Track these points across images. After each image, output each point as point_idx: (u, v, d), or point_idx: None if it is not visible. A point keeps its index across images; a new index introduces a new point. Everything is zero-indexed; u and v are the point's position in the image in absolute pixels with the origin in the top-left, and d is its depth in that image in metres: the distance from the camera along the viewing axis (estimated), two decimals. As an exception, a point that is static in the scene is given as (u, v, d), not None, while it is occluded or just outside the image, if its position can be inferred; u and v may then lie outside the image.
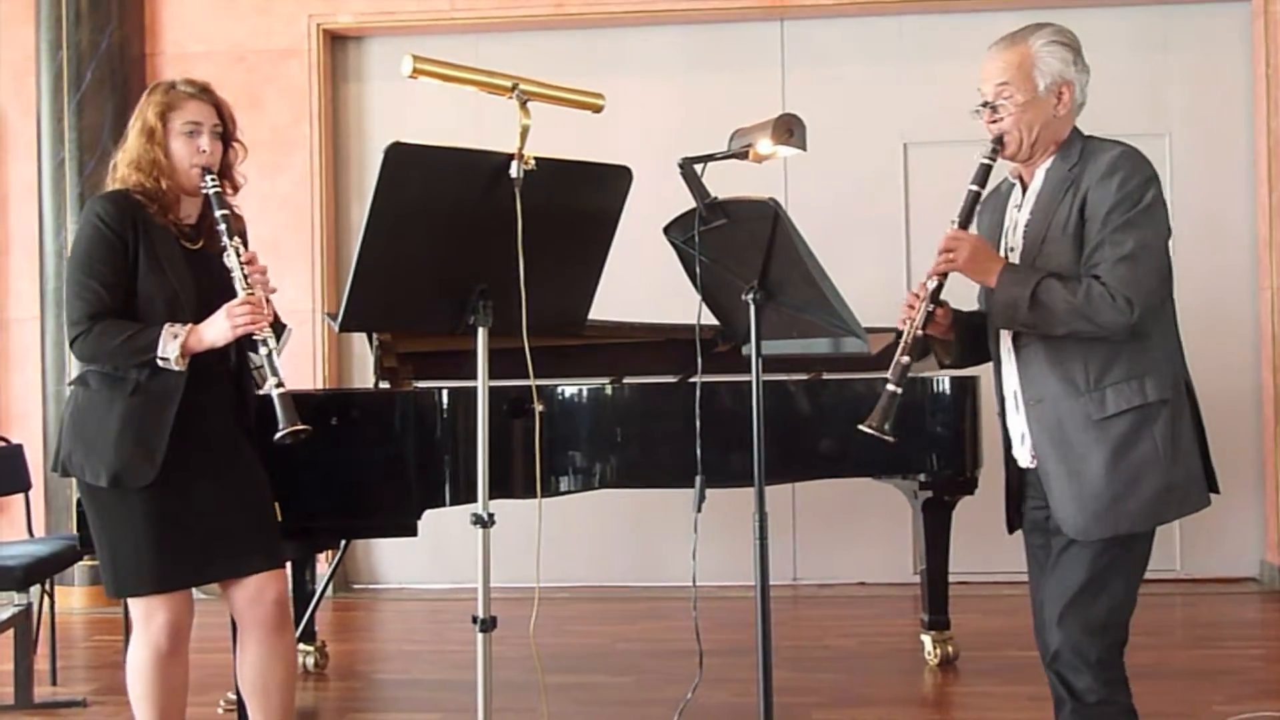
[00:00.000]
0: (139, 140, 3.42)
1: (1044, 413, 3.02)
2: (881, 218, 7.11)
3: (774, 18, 7.18)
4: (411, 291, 3.13)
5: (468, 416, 4.11)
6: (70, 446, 3.40)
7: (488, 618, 3.09)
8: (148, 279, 3.35)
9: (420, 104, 6.92)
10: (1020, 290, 2.92)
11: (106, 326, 3.30)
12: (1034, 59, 3.04)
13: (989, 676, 5.07)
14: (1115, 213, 2.89)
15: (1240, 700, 4.57)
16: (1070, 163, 3.02)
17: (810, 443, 4.88)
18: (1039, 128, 3.04)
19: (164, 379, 3.30)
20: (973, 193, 3.07)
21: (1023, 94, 3.03)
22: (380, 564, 7.38)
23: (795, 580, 7.12)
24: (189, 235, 3.45)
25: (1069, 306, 2.88)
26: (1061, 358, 2.97)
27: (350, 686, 5.29)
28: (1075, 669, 2.98)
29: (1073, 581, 2.99)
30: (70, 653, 5.76)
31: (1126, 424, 2.92)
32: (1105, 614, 2.98)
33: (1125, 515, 2.93)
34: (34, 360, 7.04)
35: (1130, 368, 2.93)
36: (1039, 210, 3.06)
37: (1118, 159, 2.95)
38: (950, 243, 3.02)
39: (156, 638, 3.41)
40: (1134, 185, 2.91)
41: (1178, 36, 6.89)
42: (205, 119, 3.42)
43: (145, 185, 3.39)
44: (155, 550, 3.33)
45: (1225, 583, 6.80)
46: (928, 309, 3.04)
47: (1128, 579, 3.00)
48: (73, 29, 6.84)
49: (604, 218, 3.26)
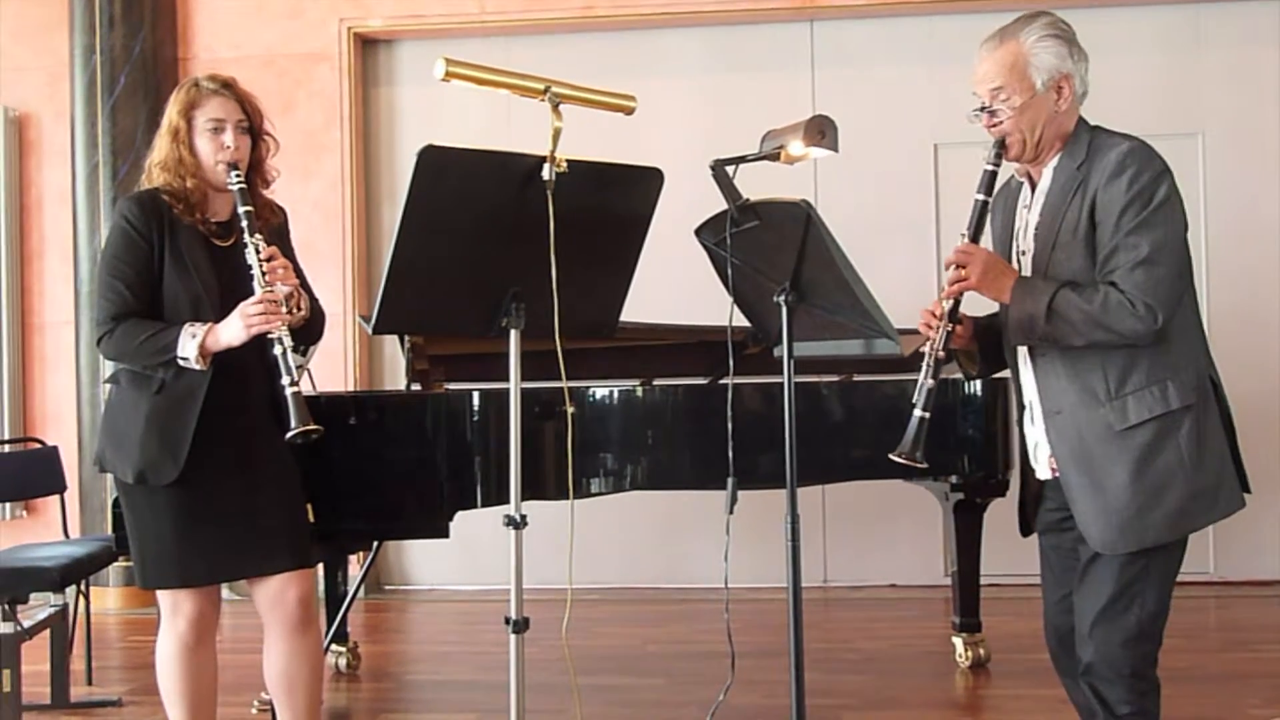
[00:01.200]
0: (165, 140, 3.44)
1: (1063, 424, 2.94)
2: (912, 218, 7.09)
3: (804, 19, 7.17)
4: (444, 294, 3.14)
5: (499, 418, 4.12)
6: (103, 443, 3.47)
7: (520, 619, 3.10)
8: (173, 279, 3.37)
9: (450, 107, 6.94)
10: (1035, 306, 2.85)
11: (129, 327, 3.33)
12: (1027, 57, 2.93)
13: (1021, 679, 5.04)
14: (1127, 214, 2.80)
15: (1276, 703, 4.53)
16: (1077, 160, 2.93)
17: (841, 445, 4.87)
18: (1041, 126, 2.94)
19: (189, 378, 3.33)
20: (979, 202, 2.98)
21: (1020, 95, 2.93)
22: (412, 565, 7.40)
23: (826, 582, 7.10)
24: (219, 233, 3.46)
25: (1086, 317, 2.80)
26: (1080, 367, 2.90)
27: (382, 687, 5.30)
28: (1108, 681, 2.92)
29: (1103, 594, 2.92)
30: (106, 653, 5.80)
31: (1149, 433, 2.85)
32: (1138, 625, 2.90)
33: (1151, 527, 2.85)
34: (69, 363, 7.10)
35: (1151, 373, 2.85)
36: (1048, 212, 2.97)
37: (1125, 156, 2.85)
38: (961, 258, 2.95)
39: (182, 630, 3.48)
40: (1144, 182, 2.81)
41: (1209, 34, 6.84)
42: (229, 115, 3.42)
43: (172, 185, 3.41)
44: (179, 546, 3.38)
45: (1259, 585, 6.73)
46: (947, 329, 2.97)
47: (1159, 588, 2.92)
48: (106, 34, 6.89)
49: (636, 220, 3.26)
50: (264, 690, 4.06)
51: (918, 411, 2.97)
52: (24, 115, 7.35)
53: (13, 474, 5.54)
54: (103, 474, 3.53)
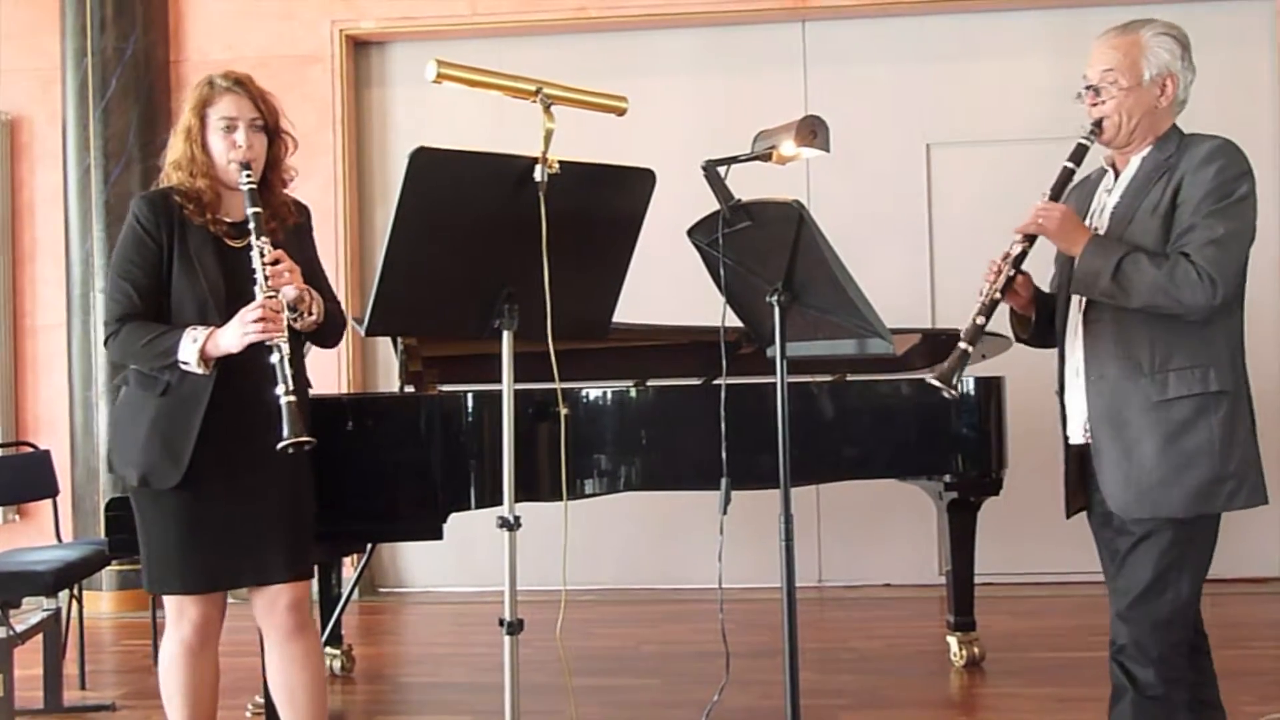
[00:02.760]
0: (179, 139, 3.40)
1: (1103, 389, 3.07)
2: (904, 218, 7.10)
3: (796, 19, 7.18)
4: (437, 295, 3.13)
5: (493, 420, 4.11)
6: (111, 444, 3.48)
7: (514, 620, 3.10)
8: (180, 280, 3.34)
9: (442, 108, 6.95)
10: (1105, 261, 2.97)
11: (133, 329, 3.31)
12: (1143, 48, 3.09)
13: (1015, 678, 5.05)
14: (1209, 199, 2.94)
15: (1271, 700, 4.54)
16: (1167, 153, 3.08)
17: (835, 444, 4.87)
18: (1139, 116, 3.09)
19: (193, 381, 3.30)
20: (1067, 169, 3.14)
21: (1127, 80, 3.08)
22: (406, 568, 7.40)
23: (820, 582, 7.11)
24: (232, 234, 3.41)
25: (1153, 280, 2.92)
26: (1129, 338, 3.02)
27: (377, 689, 5.30)
28: (1139, 663, 3.05)
29: (1140, 579, 3.04)
30: (99, 657, 5.79)
31: (1186, 410, 2.97)
32: (1170, 611, 3.04)
33: (1169, 499, 2.98)
34: (61, 366, 7.09)
35: (1195, 355, 2.98)
36: (1130, 194, 3.11)
37: (1217, 149, 3.00)
38: (1041, 212, 3.09)
39: (185, 634, 3.44)
40: (1230, 175, 2.96)
41: (1201, 35, 6.75)
42: (242, 113, 3.38)
43: (185, 184, 3.37)
44: (182, 552, 3.36)
45: (1252, 582, 6.76)
46: (1009, 273, 3.13)
47: (1192, 578, 3.06)
48: (97, 37, 6.89)
49: (628, 220, 3.26)
50: (259, 693, 4.07)
51: (962, 344, 3.11)
52: (16, 118, 7.34)
53: (5, 478, 5.52)
54: (113, 474, 3.50)
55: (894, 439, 4.94)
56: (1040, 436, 3.40)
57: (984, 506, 5.12)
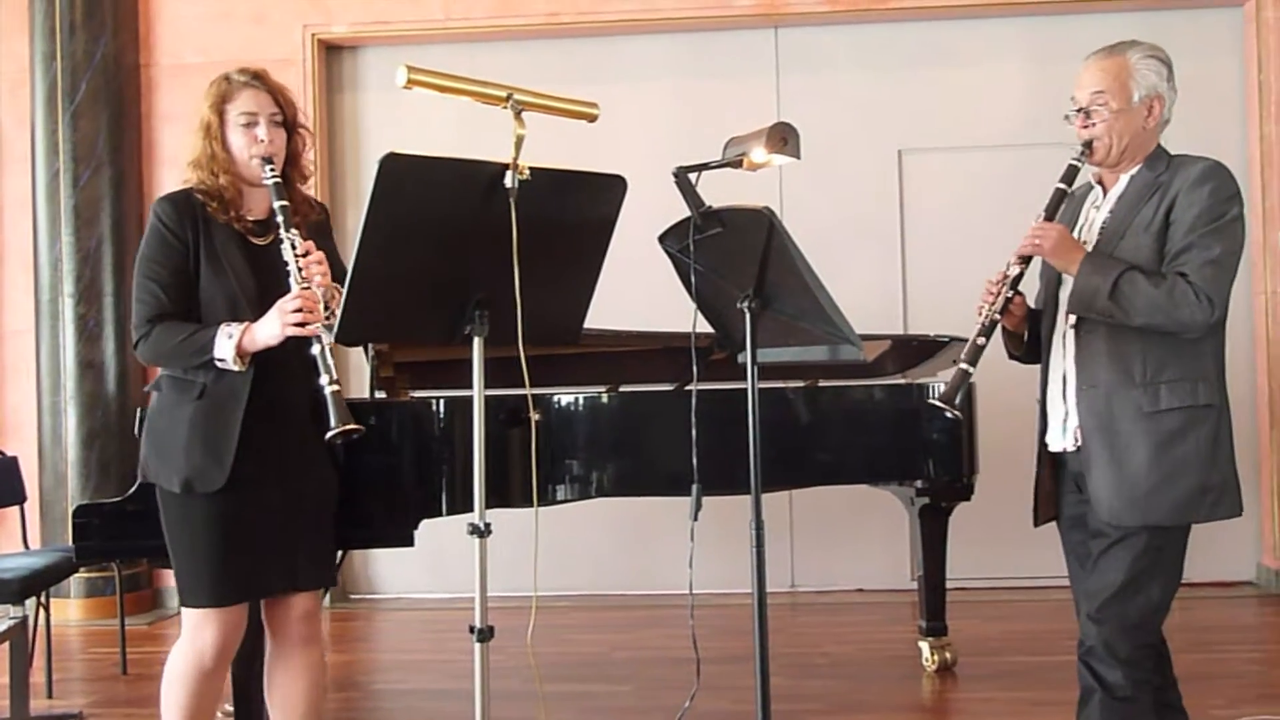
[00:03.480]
0: (198, 137, 3.35)
1: (1096, 398, 3.13)
2: (876, 225, 7.12)
3: (768, 25, 7.18)
4: (407, 302, 3.12)
5: (464, 426, 4.07)
6: (146, 452, 3.38)
7: (485, 627, 3.08)
8: (209, 279, 3.30)
9: (415, 114, 6.92)
10: (1102, 279, 3.03)
11: (165, 329, 3.26)
12: (1131, 70, 3.20)
13: (987, 682, 5.07)
14: (1203, 219, 3.02)
15: (1239, 704, 4.58)
16: (1157, 171, 3.16)
17: (807, 450, 4.88)
18: (1129, 137, 3.18)
19: (230, 380, 3.26)
20: (1059, 190, 3.22)
21: (1117, 102, 3.17)
22: (378, 574, 7.37)
23: (793, 587, 7.12)
24: (256, 231, 3.38)
25: (1151, 299, 2.99)
26: (1121, 349, 3.09)
27: (349, 697, 5.28)
28: (1107, 664, 3.09)
29: (1111, 581, 3.09)
30: (66, 665, 5.75)
31: (1176, 421, 3.05)
32: (1139, 615, 3.09)
33: (1158, 507, 3.04)
34: (29, 372, 7.03)
35: (1186, 369, 3.06)
36: (1121, 210, 3.18)
37: (1211, 170, 3.09)
38: (1037, 231, 3.16)
39: (202, 652, 3.35)
40: (1223, 197, 3.06)
41: (1169, 42, 6.75)
42: (261, 107, 3.35)
43: (206, 182, 3.33)
44: (214, 564, 3.28)
45: (1222, 586, 6.80)
46: (1008, 295, 3.19)
47: (1164, 583, 3.12)
48: (67, 40, 6.84)
49: (599, 227, 3.25)
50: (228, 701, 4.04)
51: (962, 365, 3.18)
52: (-17, 123, 7.29)
53: (-28, 485, 5.48)
54: (149, 483, 3.39)
55: (866, 444, 4.94)
56: (1012, 441, 3.41)
57: (956, 511, 5.13)
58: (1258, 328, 6.79)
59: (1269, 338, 6.71)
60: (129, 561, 6.16)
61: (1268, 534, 6.79)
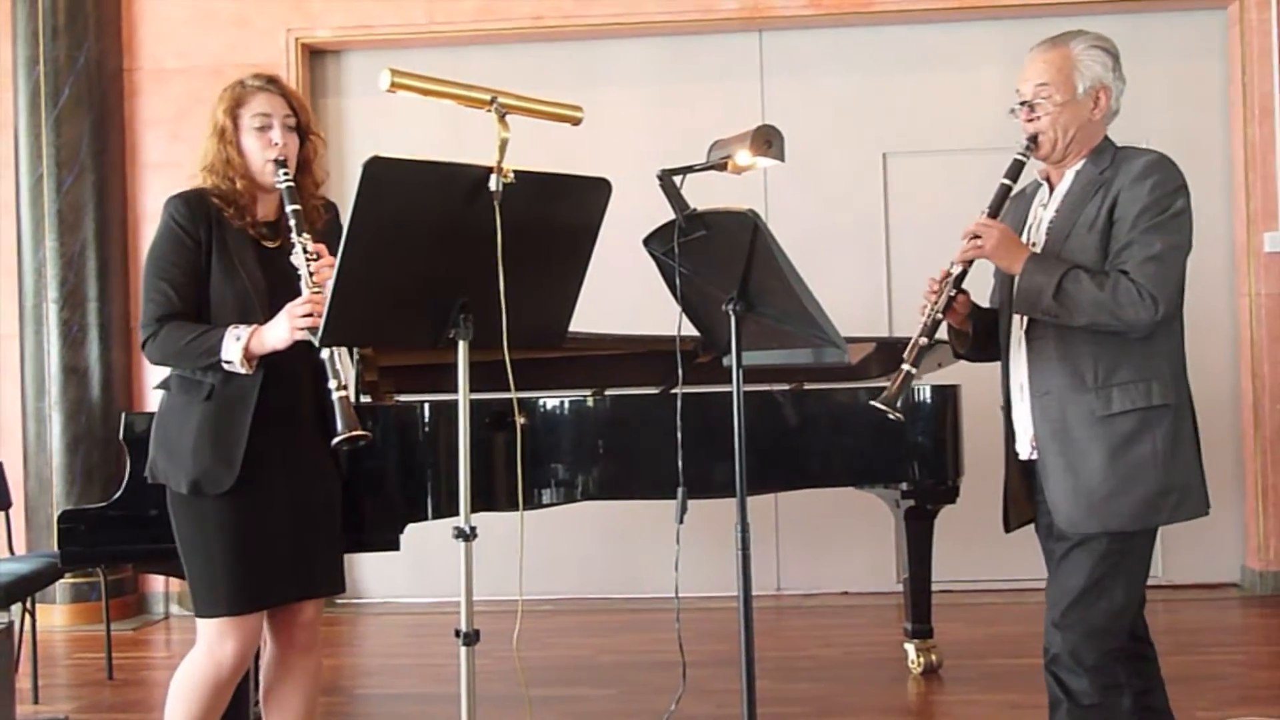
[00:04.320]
0: (211, 142, 3.34)
1: (1049, 405, 3.08)
2: (861, 228, 7.13)
3: (753, 28, 7.19)
4: (391, 306, 3.11)
5: (449, 430, 4.10)
6: (155, 453, 3.35)
7: (471, 631, 3.08)
8: (220, 280, 3.28)
9: (399, 118, 6.92)
10: (1046, 278, 2.99)
11: (173, 329, 3.24)
12: (1075, 61, 3.13)
13: (973, 685, 5.08)
14: (1145, 215, 2.97)
15: (1223, 706, 4.59)
16: (1101, 166, 3.10)
17: (792, 453, 4.88)
18: (1074, 130, 3.12)
19: (239, 382, 3.24)
20: (1004, 185, 3.16)
21: (1061, 95, 3.11)
22: (363, 578, 7.36)
23: (779, 590, 7.12)
24: (268, 234, 3.37)
25: (1094, 298, 2.94)
26: (1072, 353, 3.04)
27: (334, 702, 5.26)
28: (1072, 671, 3.03)
29: (1073, 586, 3.05)
30: (52, 671, 5.73)
31: (1130, 424, 2.99)
32: (1104, 619, 3.03)
33: (1116, 513, 2.99)
34: (13, 377, 7.01)
35: (1139, 370, 3.00)
36: (1066, 208, 3.13)
37: (1153, 164, 3.04)
38: (979, 229, 3.10)
39: (220, 664, 3.31)
40: (1166, 190, 3.00)
41: (1154, 44, 6.91)
42: (275, 111, 3.34)
43: (220, 187, 3.31)
44: (230, 569, 3.25)
45: (1206, 589, 6.82)
46: (950, 294, 3.14)
47: (1127, 586, 3.06)
48: (49, 44, 6.83)
49: (584, 230, 3.25)
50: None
51: (905, 366, 3.12)
52: (-34, 127, 7.26)
53: (-44, 490, 5.46)
54: (154, 484, 3.36)
55: (851, 447, 4.95)
56: (997, 444, 3.41)
57: (941, 514, 5.14)
58: (1242, 329, 6.81)
59: (1253, 339, 6.74)
60: (114, 567, 6.14)
61: (1252, 536, 6.81)
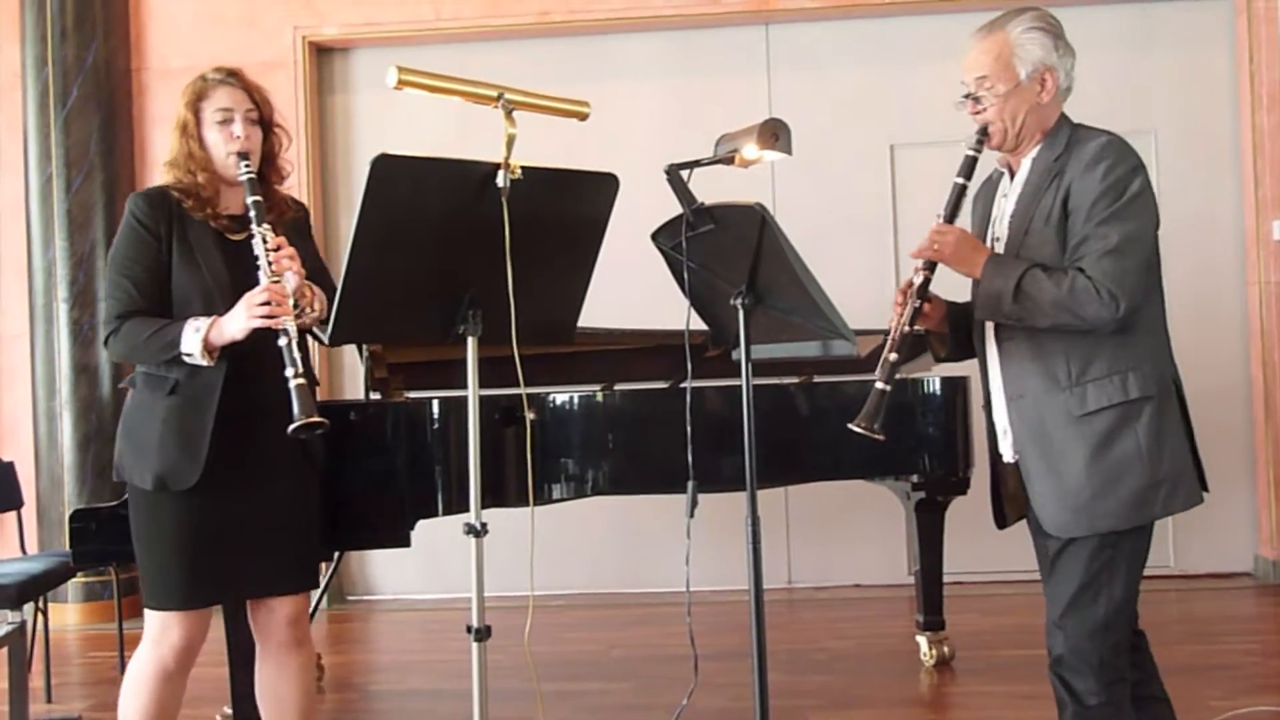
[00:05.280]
0: (175, 136, 3.37)
1: (1025, 408, 3.00)
2: (869, 220, 7.12)
3: (759, 22, 7.18)
4: (400, 302, 3.12)
5: (459, 426, 4.10)
6: (121, 448, 3.37)
7: (482, 627, 3.09)
8: (182, 274, 3.29)
9: (407, 114, 6.92)
10: (1004, 282, 2.90)
11: (134, 324, 3.25)
12: (1013, 47, 3.01)
13: (985, 676, 5.07)
14: (1100, 205, 2.86)
15: (1236, 695, 4.57)
16: (1055, 152, 2.99)
17: (802, 446, 4.88)
18: (1023, 116, 3.01)
19: (203, 377, 3.25)
20: (958, 185, 3.06)
21: (1004, 84, 3.00)
22: (374, 575, 7.37)
23: (790, 583, 7.12)
24: (232, 227, 3.37)
25: (1053, 299, 2.85)
26: (1043, 352, 2.95)
27: (346, 698, 5.28)
28: (1077, 672, 2.96)
29: (1070, 585, 2.97)
30: (65, 670, 5.74)
31: (1108, 421, 2.90)
32: (1105, 615, 2.94)
33: (1104, 513, 2.90)
34: (24, 377, 7.03)
35: (1113, 363, 2.90)
36: (1024, 200, 3.03)
37: (1102, 148, 2.92)
38: (935, 236, 3.02)
39: (165, 654, 3.34)
40: (1119, 175, 2.88)
41: (1161, 33, 6.90)
42: (237, 104, 3.35)
43: (183, 180, 3.33)
44: (185, 565, 3.28)
45: (1219, 578, 6.81)
46: (915, 305, 3.03)
47: (1126, 579, 2.96)
48: (58, 45, 6.83)
49: (591, 225, 3.26)
50: (226, 704, 4.04)
51: (879, 384, 3.01)
52: (-25, 128, 7.28)
53: (-32, 491, 5.48)
54: (119, 482, 3.39)
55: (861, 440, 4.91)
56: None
57: (952, 506, 5.13)
58: (1251, 318, 6.79)
59: (1263, 328, 6.71)
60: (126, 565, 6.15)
61: (1264, 525, 6.79)
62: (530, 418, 3.67)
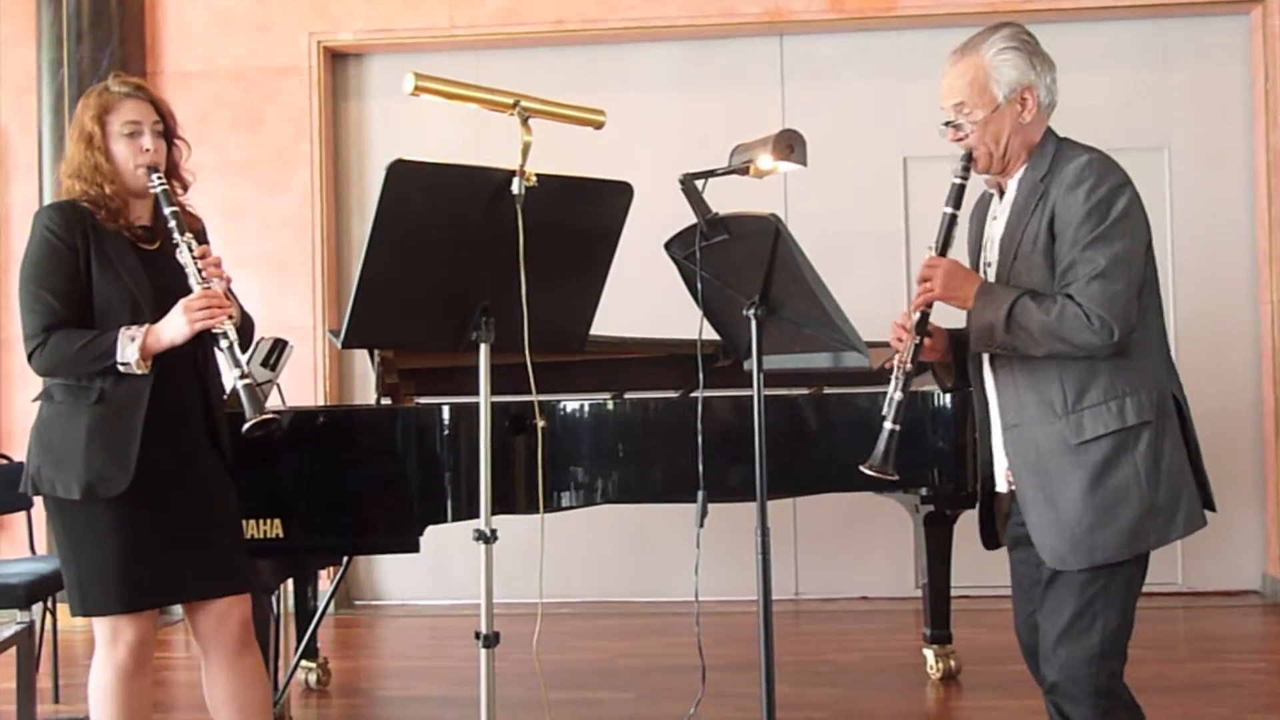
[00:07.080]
0: (78, 148, 3.35)
1: (1020, 437, 2.94)
2: (881, 232, 7.12)
3: (773, 33, 7.19)
4: (414, 308, 3.13)
5: (470, 432, 4.11)
6: (39, 461, 3.33)
7: (491, 633, 3.09)
8: (103, 285, 3.28)
9: (420, 121, 6.95)
10: (995, 313, 2.84)
11: (61, 337, 3.24)
12: (988, 70, 2.94)
13: (992, 690, 5.06)
14: (1084, 227, 2.78)
15: (1243, 714, 4.57)
16: (1040, 172, 2.92)
17: (812, 457, 4.87)
18: (1006, 138, 2.94)
19: (130, 384, 3.24)
20: (947, 215, 2.98)
21: (982, 109, 2.94)
22: (382, 580, 7.37)
23: (797, 595, 7.11)
24: (144, 237, 3.38)
25: (1044, 327, 2.78)
26: (1038, 380, 2.88)
27: (353, 704, 5.28)
28: (1073, 699, 2.89)
29: (1064, 612, 2.89)
30: (73, 670, 5.73)
31: (1105, 449, 2.82)
32: (1100, 643, 2.86)
33: (1102, 545, 2.82)
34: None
35: (1109, 389, 2.83)
36: (1011, 223, 2.96)
37: (1084, 168, 2.83)
38: (927, 271, 2.97)
39: (121, 658, 3.32)
40: (1102, 194, 2.79)
41: (1176, 50, 6.90)
42: (144, 117, 3.35)
43: (90, 193, 3.31)
44: (123, 568, 3.26)
45: (1227, 595, 6.79)
46: (915, 342, 2.98)
47: (1121, 606, 2.88)
48: (74, 48, 6.86)
49: (605, 233, 3.26)
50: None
51: (888, 424, 2.96)
52: (-10, 129, 7.31)
53: (-22, 490, 5.48)
54: (36, 495, 3.37)
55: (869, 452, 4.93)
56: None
57: (960, 519, 5.12)
58: (1264, 337, 6.77)
59: (1275, 347, 6.69)
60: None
61: (1273, 543, 6.77)
62: (541, 425, 3.67)
